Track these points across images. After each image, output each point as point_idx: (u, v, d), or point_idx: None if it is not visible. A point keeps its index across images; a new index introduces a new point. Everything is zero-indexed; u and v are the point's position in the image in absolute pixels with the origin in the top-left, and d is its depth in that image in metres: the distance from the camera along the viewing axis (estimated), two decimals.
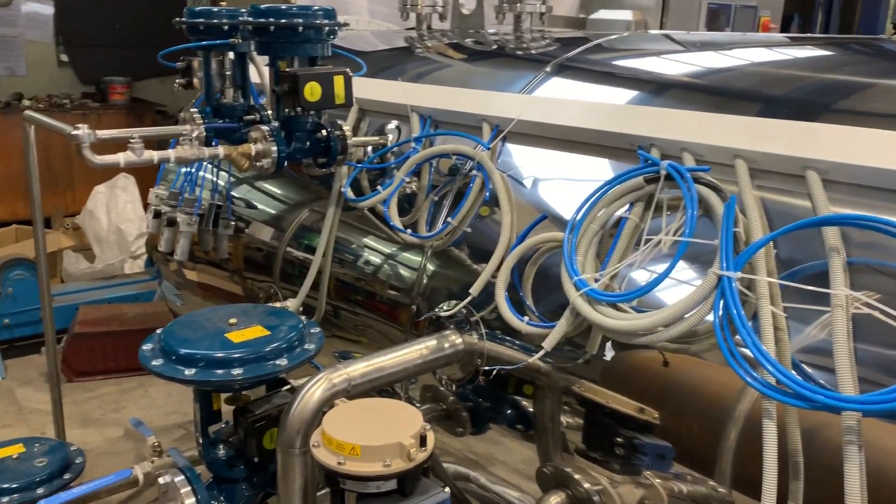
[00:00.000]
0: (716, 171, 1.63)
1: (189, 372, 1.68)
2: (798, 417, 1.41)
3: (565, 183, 2.02)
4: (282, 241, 2.86)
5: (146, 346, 1.86)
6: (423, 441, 1.47)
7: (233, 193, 3.05)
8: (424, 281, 2.22)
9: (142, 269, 5.88)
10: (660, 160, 1.62)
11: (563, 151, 1.97)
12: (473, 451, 2.25)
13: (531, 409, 2.04)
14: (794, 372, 1.37)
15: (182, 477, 1.84)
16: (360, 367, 1.75)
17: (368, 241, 2.45)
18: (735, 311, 1.37)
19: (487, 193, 1.97)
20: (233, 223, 2.85)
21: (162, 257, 3.62)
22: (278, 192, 3.05)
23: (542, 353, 1.68)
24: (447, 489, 1.50)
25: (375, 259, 2.43)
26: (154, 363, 1.76)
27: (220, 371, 1.68)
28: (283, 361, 1.74)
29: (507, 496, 2.13)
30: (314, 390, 1.69)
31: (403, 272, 2.31)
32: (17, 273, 4.77)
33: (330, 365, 1.82)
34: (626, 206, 1.66)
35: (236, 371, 1.69)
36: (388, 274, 2.35)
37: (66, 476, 2.58)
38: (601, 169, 1.89)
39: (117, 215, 5.99)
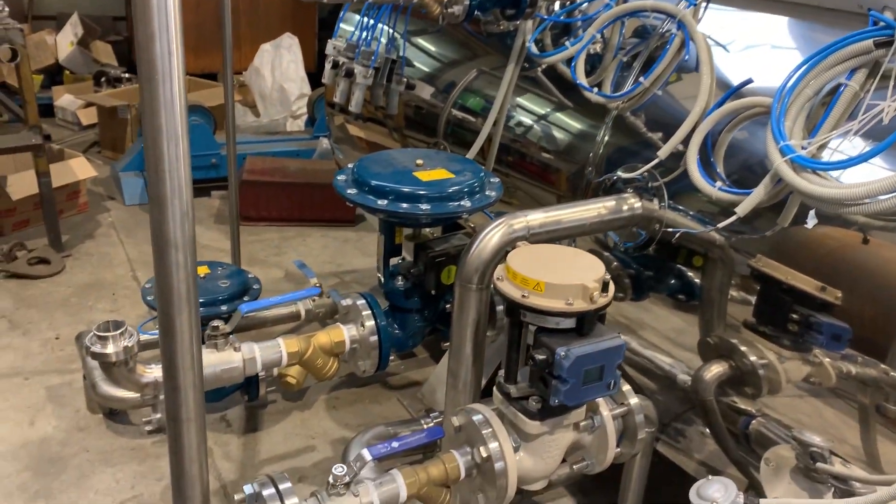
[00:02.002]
0: None
1: (381, 202, 1.77)
2: None
3: (773, 50, 1.90)
4: (448, 100, 2.89)
5: (340, 177, 1.97)
6: (604, 287, 1.51)
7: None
8: (601, 150, 2.20)
9: (301, 128, 6.14)
10: (895, 22, 1.50)
11: (774, 14, 1.85)
12: (624, 315, 2.28)
13: (696, 280, 2.04)
14: None
15: (363, 301, 1.98)
16: (540, 217, 1.79)
17: (541, 104, 2.44)
18: None
19: (686, 55, 1.90)
20: (405, 80, 2.90)
21: (330, 111, 3.76)
22: (446, 52, 3.06)
23: (733, 218, 1.65)
24: (622, 337, 1.54)
25: (549, 123, 2.42)
26: (349, 192, 1.86)
27: (407, 205, 1.76)
28: (466, 203, 1.80)
29: (658, 361, 2.16)
30: (494, 232, 1.75)
31: (579, 139, 2.30)
32: (194, 119, 5.10)
33: None
34: (847, 73, 1.56)
35: (424, 206, 1.77)
36: (563, 140, 2.35)
37: (246, 299, 2.84)
38: (816, 34, 1.77)
39: (281, 74, 6.22)
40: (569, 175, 2.32)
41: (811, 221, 1.51)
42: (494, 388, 1.66)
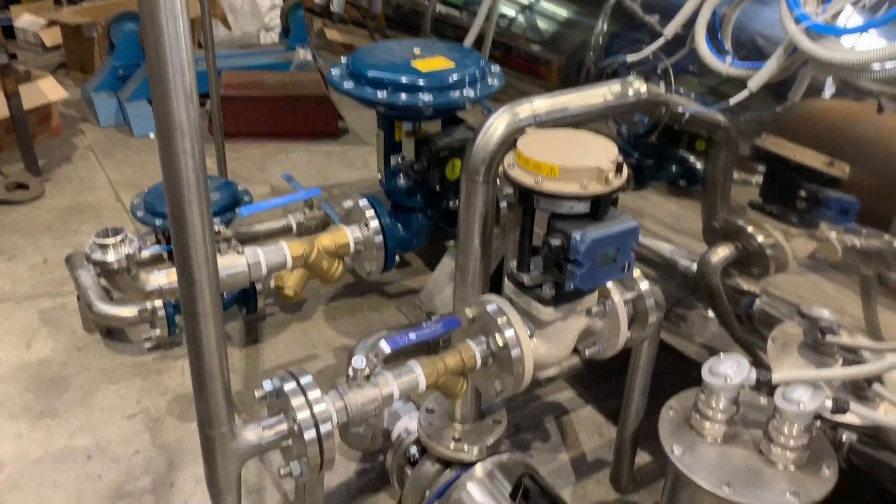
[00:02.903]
0: None
1: (381, 94, 1.71)
2: None
3: None
4: None
5: (335, 71, 1.89)
6: (619, 168, 1.48)
7: None
8: (601, 40, 2.13)
9: (276, 40, 5.94)
10: None
11: None
12: (622, 205, 2.26)
13: (698, 166, 2.02)
14: None
15: (366, 201, 1.94)
16: (545, 103, 1.74)
17: None
18: None
19: None
20: None
21: (310, 16, 3.62)
22: None
23: (745, 93, 1.62)
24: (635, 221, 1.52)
25: (542, 14, 2.34)
26: (346, 85, 1.79)
27: (407, 96, 1.70)
28: (469, 92, 1.74)
29: (657, 248, 2.16)
30: (500, 121, 1.69)
31: (577, 29, 2.23)
32: None
33: None
34: None
35: (425, 97, 1.71)
36: (559, 31, 2.27)
37: (237, 211, 2.78)
38: None
39: None
40: (566, 66, 2.26)
41: (829, 90, 1.48)
42: (505, 279, 1.65)
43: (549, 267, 1.51)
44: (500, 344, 1.55)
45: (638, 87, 1.85)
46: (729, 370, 1.58)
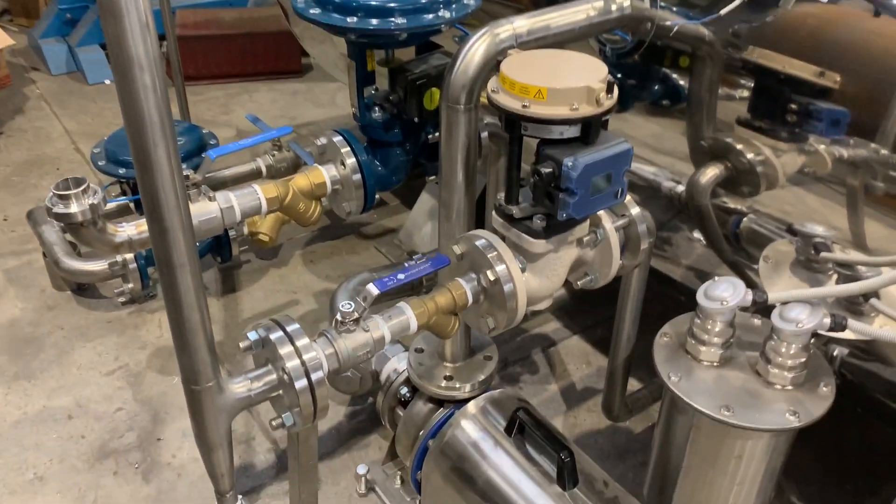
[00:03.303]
0: None
1: (350, 20, 1.60)
2: None
3: None
4: None
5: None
6: (609, 88, 1.40)
7: None
8: None
9: None
10: None
11: None
12: None
13: (681, 83, 1.95)
14: None
15: (340, 137, 1.84)
16: (526, 22, 1.64)
17: None
18: None
19: None
20: None
21: None
22: None
23: (735, 3, 1.54)
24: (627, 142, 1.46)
25: None
26: (311, 12, 1.68)
27: (378, 20, 1.59)
28: (444, 13, 1.63)
29: (640, 172, 2.10)
30: (479, 44, 1.60)
31: None
32: None
33: None
34: None
35: (398, 20, 1.60)
36: None
37: (204, 155, 2.67)
38: None
39: None
40: None
41: None
42: (493, 213, 1.58)
43: (539, 197, 1.45)
44: (492, 279, 1.50)
45: (620, 1, 1.76)
46: (725, 293, 1.55)
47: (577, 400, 2.46)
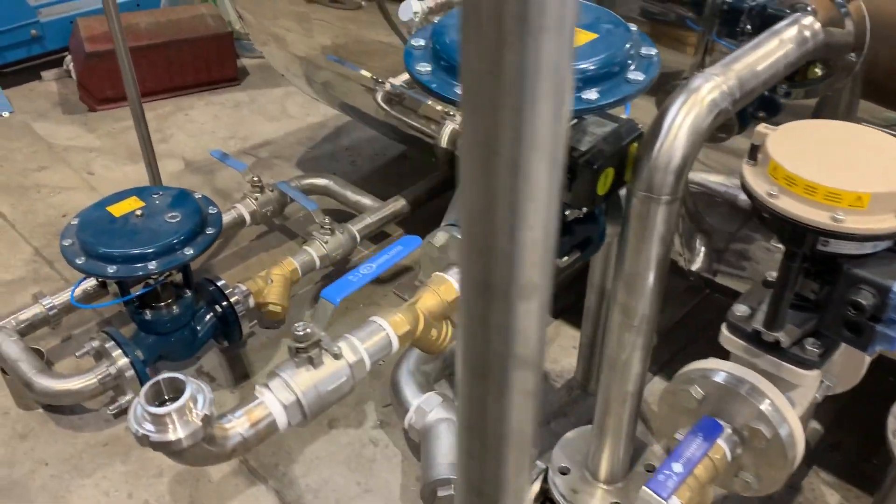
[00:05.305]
0: None
1: None
2: None
3: None
4: None
5: (416, 44, 1.28)
6: None
7: None
8: None
9: None
10: None
11: None
12: None
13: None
14: None
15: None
16: (732, 73, 1.25)
17: None
18: None
19: None
20: None
21: None
22: None
23: None
24: None
25: None
26: (420, 70, 1.19)
27: None
28: (636, 76, 1.21)
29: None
30: (683, 114, 1.20)
31: None
32: None
33: None
34: None
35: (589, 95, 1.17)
36: None
37: (210, 231, 2.14)
38: None
39: None
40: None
41: None
42: (727, 333, 1.21)
43: (835, 328, 1.09)
44: (769, 436, 1.14)
45: (811, 23, 1.39)
46: None
47: None
